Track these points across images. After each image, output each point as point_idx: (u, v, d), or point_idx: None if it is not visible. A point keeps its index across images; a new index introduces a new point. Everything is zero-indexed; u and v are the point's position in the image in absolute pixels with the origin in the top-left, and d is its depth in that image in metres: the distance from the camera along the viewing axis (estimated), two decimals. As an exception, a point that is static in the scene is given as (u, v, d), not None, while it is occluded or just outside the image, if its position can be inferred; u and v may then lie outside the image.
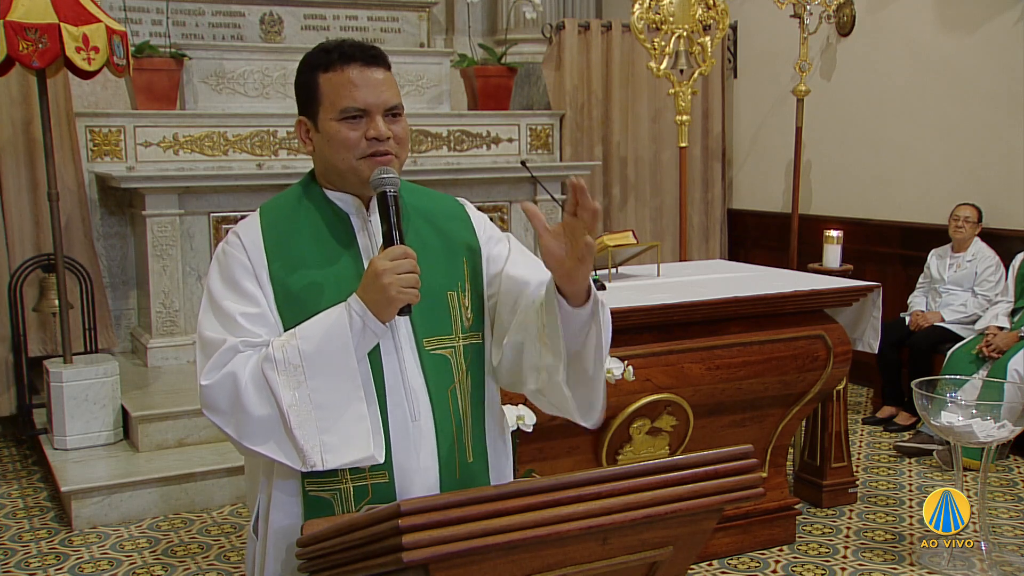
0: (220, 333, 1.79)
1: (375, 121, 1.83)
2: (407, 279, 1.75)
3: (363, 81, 1.83)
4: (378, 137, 1.83)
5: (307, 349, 1.75)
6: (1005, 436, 3.71)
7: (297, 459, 1.74)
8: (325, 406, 1.74)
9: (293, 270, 1.84)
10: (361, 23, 7.05)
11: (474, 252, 1.96)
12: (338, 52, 1.86)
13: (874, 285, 4.12)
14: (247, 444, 1.77)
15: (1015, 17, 5.48)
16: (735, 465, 1.53)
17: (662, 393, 3.60)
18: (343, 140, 1.83)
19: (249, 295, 1.82)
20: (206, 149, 5.90)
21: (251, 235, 1.87)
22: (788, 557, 3.92)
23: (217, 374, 1.76)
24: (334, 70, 1.84)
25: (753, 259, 6.57)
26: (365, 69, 1.84)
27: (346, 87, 1.83)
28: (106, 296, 5.77)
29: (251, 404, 1.75)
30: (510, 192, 6.51)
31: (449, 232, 1.96)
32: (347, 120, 1.83)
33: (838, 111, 6.64)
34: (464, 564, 1.37)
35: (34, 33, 4.35)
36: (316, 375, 1.75)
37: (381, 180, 1.81)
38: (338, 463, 1.74)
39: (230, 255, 1.85)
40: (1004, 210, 5.57)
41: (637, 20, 5.97)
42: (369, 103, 1.83)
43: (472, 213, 2.03)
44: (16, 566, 3.92)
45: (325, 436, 1.74)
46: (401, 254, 1.76)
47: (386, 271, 1.74)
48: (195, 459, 4.62)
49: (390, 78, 1.88)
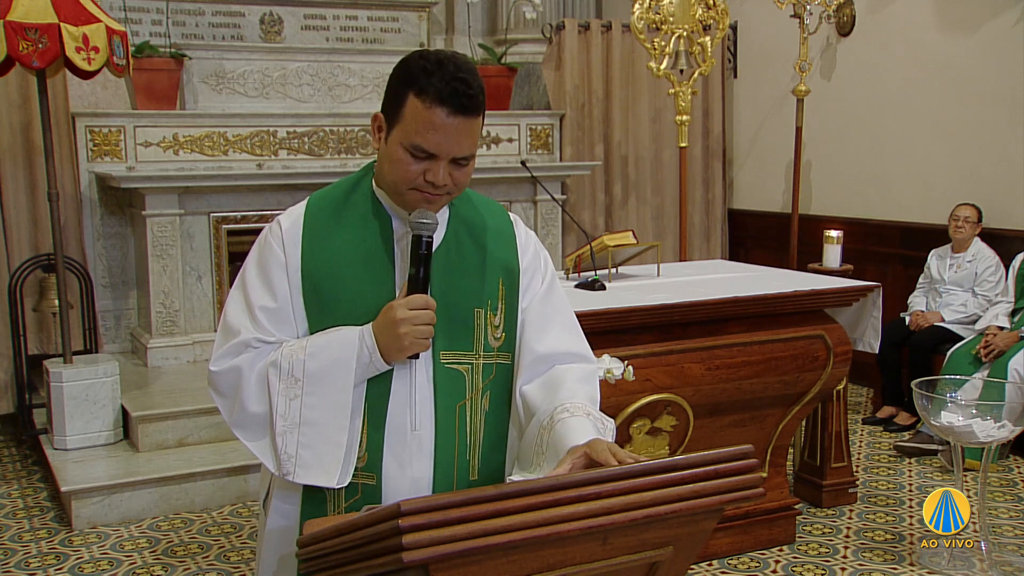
0: (239, 322, 1.85)
1: (439, 167, 1.78)
2: (422, 331, 1.78)
3: (445, 128, 1.75)
4: (435, 183, 1.79)
5: (311, 367, 1.80)
6: (1005, 436, 3.71)
7: (273, 463, 1.82)
8: (310, 423, 1.80)
9: (326, 267, 1.86)
10: (361, 23, 7.05)
11: (512, 275, 1.94)
12: (439, 83, 1.74)
13: (874, 285, 4.12)
14: (237, 433, 1.87)
15: (1015, 17, 5.48)
16: (735, 465, 1.53)
17: (662, 393, 3.60)
18: (402, 170, 1.79)
19: (274, 289, 1.86)
20: (206, 149, 5.90)
21: (292, 226, 1.89)
22: (788, 557, 3.92)
23: (225, 364, 1.84)
24: (424, 101, 1.74)
25: (753, 259, 6.57)
26: (453, 116, 1.75)
27: (426, 125, 1.75)
28: (94, 298, 5.77)
29: (249, 400, 1.83)
30: (510, 192, 6.51)
31: (491, 250, 1.94)
32: (413, 153, 1.78)
33: (838, 111, 6.65)
34: (464, 564, 1.37)
35: (34, 33, 4.35)
36: (312, 393, 1.80)
37: (420, 224, 1.80)
38: (304, 480, 1.81)
39: (268, 244, 1.89)
40: (1004, 210, 5.57)
41: (637, 20, 5.97)
42: (441, 151, 1.77)
43: (519, 233, 2.00)
44: (16, 566, 3.92)
45: (303, 451, 1.80)
46: (422, 304, 1.78)
47: (404, 320, 1.76)
48: (195, 459, 4.62)
49: (475, 126, 1.79)
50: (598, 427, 1.79)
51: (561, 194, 6.75)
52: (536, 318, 1.95)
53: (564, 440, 1.73)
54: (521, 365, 1.92)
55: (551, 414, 1.80)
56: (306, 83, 6.30)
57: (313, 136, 6.16)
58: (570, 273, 4.27)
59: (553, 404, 1.82)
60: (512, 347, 1.93)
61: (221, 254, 5.77)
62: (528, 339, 1.93)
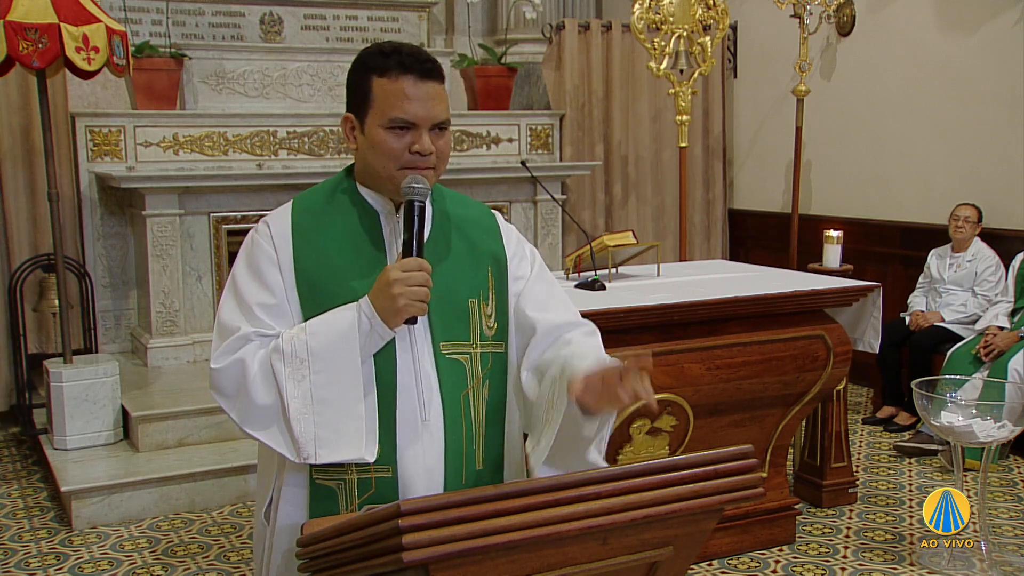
0: (236, 320, 1.84)
1: (422, 135, 1.83)
2: (417, 292, 1.77)
3: (416, 94, 1.82)
4: (422, 152, 1.83)
5: (314, 345, 1.79)
6: (1005, 436, 3.70)
7: (292, 450, 1.79)
8: (325, 401, 1.78)
9: (318, 263, 1.87)
10: (361, 23, 7.05)
11: (500, 264, 1.98)
12: (396, 59, 1.83)
13: (874, 285, 4.12)
14: (248, 429, 1.83)
15: (1015, 17, 5.48)
16: (735, 465, 1.53)
17: (662, 393, 3.60)
18: (387, 149, 1.83)
19: (270, 285, 1.86)
20: (206, 149, 5.90)
21: (280, 226, 1.90)
22: (788, 557, 3.92)
23: (227, 359, 1.82)
24: (389, 77, 1.83)
25: (753, 259, 6.57)
26: (420, 81, 1.83)
27: (399, 97, 1.81)
28: (94, 298, 5.77)
29: (256, 392, 1.81)
30: (510, 192, 6.51)
31: (477, 241, 1.97)
32: (394, 130, 1.83)
33: (838, 111, 6.64)
34: (464, 564, 1.38)
35: (34, 33, 4.35)
36: (320, 371, 1.79)
37: (412, 189, 1.82)
38: (330, 459, 1.78)
39: (258, 243, 1.90)
40: (1004, 210, 5.57)
41: (637, 20, 5.97)
42: (419, 117, 1.83)
43: (502, 225, 2.05)
44: (16, 566, 3.92)
45: (321, 431, 1.78)
46: (415, 266, 1.79)
47: (398, 281, 1.77)
48: (195, 459, 4.62)
49: (443, 92, 1.87)
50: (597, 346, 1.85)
51: (561, 194, 6.75)
52: (536, 297, 1.98)
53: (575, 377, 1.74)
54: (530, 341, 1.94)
55: (561, 366, 1.82)
56: (306, 83, 6.29)
57: (313, 136, 6.16)
58: (570, 273, 4.27)
59: (563, 357, 1.85)
60: (505, 336, 1.95)
61: (221, 254, 5.77)
62: (532, 316, 1.95)
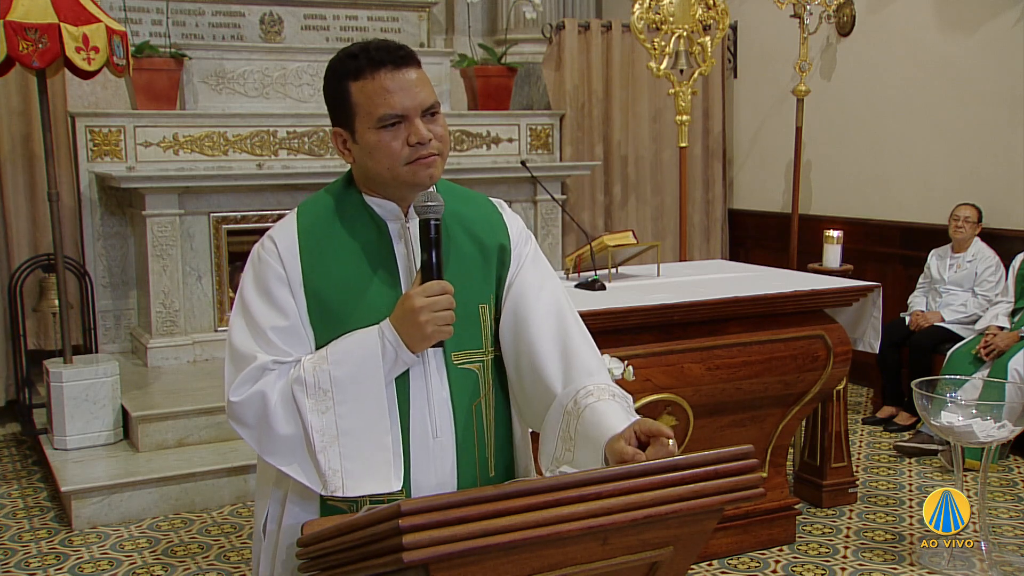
0: (251, 347, 1.77)
1: (415, 125, 1.76)
2: (444, 316, 1.74)
3: (397, 85, 1.75)
4: (421, 141, 1.76)
5: (338, 375, 1.74)
6: (1005, 436, 3.70)
7: (319, 482, 1.74)
8: (350, 433, 1.73)
9: (328, 277, 1.80)
10: (361, 23, 7.05)
11: (505, 263, 1.92)
12: (366, 57, 1.76)
13: (874, 285, 4.12)
14: (271, 461, 1.77)
15: (1015, 17, 5.48)
16: (735, 465, 1.53)
17: (662, 393, 3.60)
18: (386, 149, 1.76)
19: (281, 306, 1.79)
20: (206, 149, 5.90)
21: (287, 240, 1.82)
22: (788, 557, 3.92)
23: (247, 391, 1.75)
24: (364, 77, 1.75)
25: (753, 259, 6.57)
26: (396, 72, 1.75)
27: (380, 94, 1.74)
28: (93, 298, 5.77)
29: (278, 424, 1.74)
30: (510, 192, 6.51)
31: (485, 241, 1.90)
32: (386, 128, 1.76)
33: (838, 111, 6.64)
34: (464, 564, 1.37)
35: (34, 33, 4.35)
36: (344, 401, 1.73)
37: (426, 207, 1.76)
38: (358, 492, 1.73)
39: (265, 262, 1.81)
40: (1004, 210, 5.57)
41: (637, 20, 5.97)
42: (407, 107, 1.75)
43: (507, 216, 1.98)
44: (16, 566, 3.92)
45: (348, 463, 1.72)
46: (439, 290, 1.74)
47: (423, 308, 1.72)
48: (195, 459, 4.62)
49: (423, 76, 1.78)
50: (624, 407, 1.76)
51: (561, 194, 6.75)
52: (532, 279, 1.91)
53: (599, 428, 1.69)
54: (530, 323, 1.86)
55: (574, 398, 1.77)
56: (306, 83, 6.29)
57: (313, 136, 6.16)
58: (570, 273, 4.27)
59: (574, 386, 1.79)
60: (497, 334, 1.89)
61: (221, 254, 5.77)
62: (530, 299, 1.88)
